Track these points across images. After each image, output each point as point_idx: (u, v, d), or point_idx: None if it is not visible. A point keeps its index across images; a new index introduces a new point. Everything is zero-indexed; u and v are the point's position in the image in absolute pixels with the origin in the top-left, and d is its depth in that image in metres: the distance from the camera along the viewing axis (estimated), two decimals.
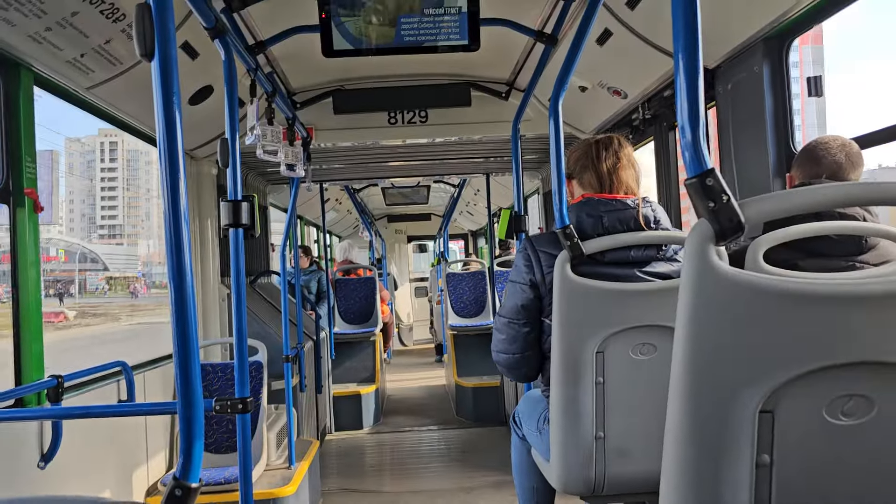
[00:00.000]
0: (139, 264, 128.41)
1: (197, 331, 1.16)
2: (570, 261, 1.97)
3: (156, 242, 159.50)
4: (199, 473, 1.09)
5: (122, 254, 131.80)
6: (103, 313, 51.93)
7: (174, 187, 1.12)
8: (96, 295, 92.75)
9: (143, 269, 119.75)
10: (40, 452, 2.72)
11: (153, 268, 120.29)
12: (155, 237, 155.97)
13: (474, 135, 4.72)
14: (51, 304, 63.08)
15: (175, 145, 1.15)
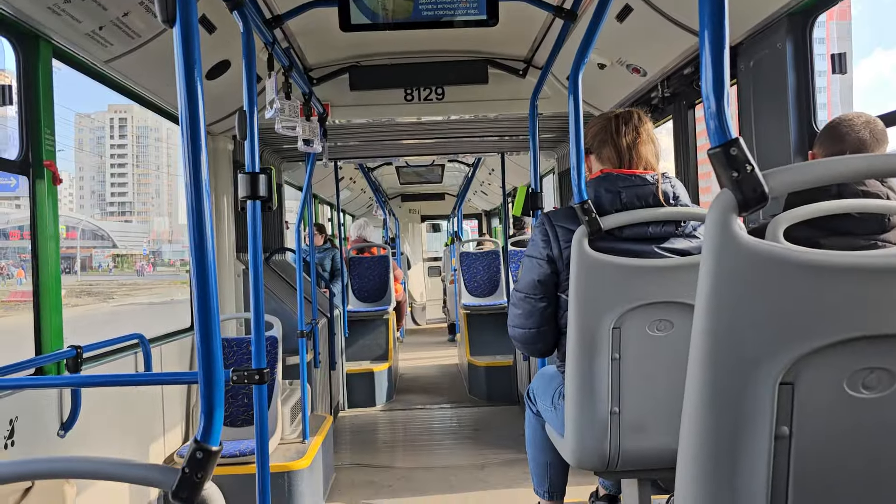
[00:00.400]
0: (148, 242, 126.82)
1: (217, 302, 1.16)
2: (588, 236, 1.96)
3: (165, 220, 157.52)
4: (219, 438, 1.10)
5: (132, 231, 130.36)
6: (97, 292, 49.10)
7: (195, 158, 1.13)
8: (100, 272, 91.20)
9: (147, 247, 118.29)
10: (60, 421, 2.76)
11: (162, 245, 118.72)
12: (165, 214, 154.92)
13: (491, 112, 4.69)
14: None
15: (196, 114, 1.15)
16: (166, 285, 57.80)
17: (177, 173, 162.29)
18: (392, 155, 6.96)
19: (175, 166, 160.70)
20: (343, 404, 6.53)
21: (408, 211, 14.40)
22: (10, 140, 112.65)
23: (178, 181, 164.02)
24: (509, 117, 4.91)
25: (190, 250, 1.14)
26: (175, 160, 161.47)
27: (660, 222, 2.03)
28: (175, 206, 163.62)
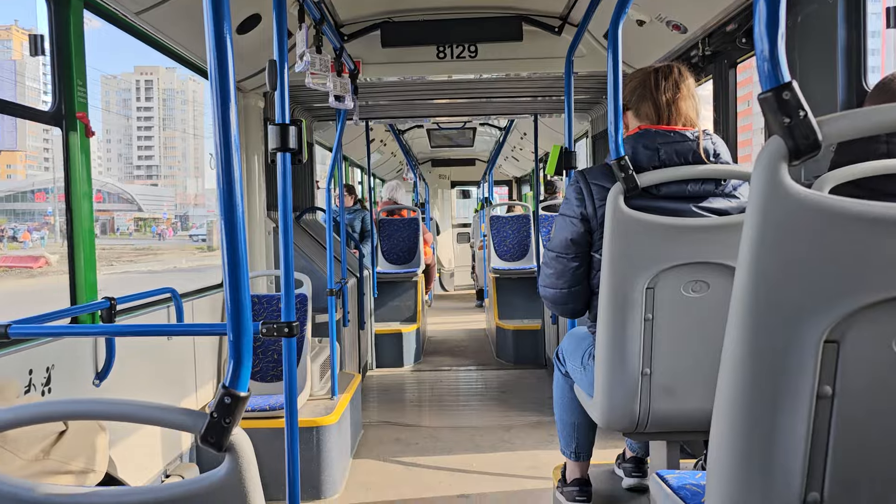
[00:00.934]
0: (171, 205, 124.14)
1: (247, 255, 1.15)
2: (624, 193, 1.91)
3: (192, 183, 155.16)
4: (247, 384, 1.09)
5: (158, 195, 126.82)
6: (103, 257, 45.29)
7: (225, 112, 1.10)
8: (117, 236, 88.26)
9: (170, 211, 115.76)
10: (95, 370, 2.82)
11: (189, 210, 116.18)
12: (191, 178, 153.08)
13: (524, 71, 4.60)
14: (49, 247, 57.39)
15: (226, 67, 1.13)
16: (179, 250, 55.98)
17: (203, 135, 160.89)
18: (423, 115, 6.89)
19: (202, 129, 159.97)
20: (371, 364, 6.59)
21: (438, 176, 14.34)
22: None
23: (204, 144, 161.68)
24: (543, 76, 4.81)
25: (219, 204, 1.12)
26: (202, 123, 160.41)
27: (699, 180, 1.97)
28: (202, 169, 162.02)
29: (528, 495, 3.63)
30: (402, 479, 3.92)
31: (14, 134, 70.36)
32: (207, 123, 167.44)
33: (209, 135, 71.26)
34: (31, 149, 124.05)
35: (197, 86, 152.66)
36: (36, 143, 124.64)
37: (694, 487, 1.51)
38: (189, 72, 3.97)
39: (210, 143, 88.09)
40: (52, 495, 1.05)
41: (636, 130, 2.07)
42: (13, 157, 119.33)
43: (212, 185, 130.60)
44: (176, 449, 3.60)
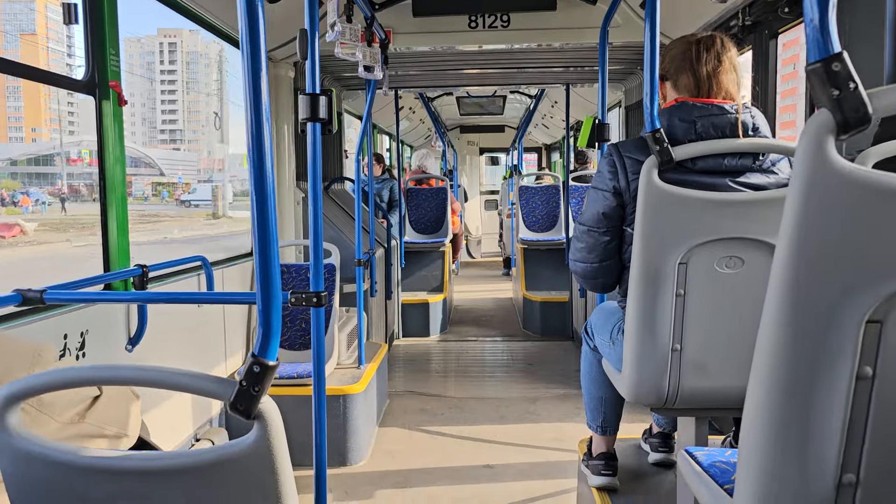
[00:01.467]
0: (195, 170, 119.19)
1: (276, 221, 1.15)
2: (658, 167, 1.87)
3: (218, 148, 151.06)
4: (276, 354, 1.10)
5: (181, 160, 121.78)
6: (87, 224, 39.89)
7: (256, 81, 1.09)
8: (132, 201, 78.97)
9: (182, 176, 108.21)
10: (128, 336, 2.87)
11: (212, 175, 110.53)
12: (215, 142, 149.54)
13: (557, 41, 4.52)
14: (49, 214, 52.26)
15: (257, 36, 1.11)
16: (189, 218, 51.20)
17: (228, 100, 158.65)
18: (454, 85, 6.83)
19: (225, 92, 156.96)
20: (398, 333, 6.63)
21: (466, 143, 14.25)
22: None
23: (229, 108, 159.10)
24: (576, 47, 4.72)
25: (249, 173, 1.12)
26: (226, 87, 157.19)
27: (736, 155, 1.92)
28: (226, 134, 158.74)
29: (553, 467, 3.64)
30: (427, 448, 3.96)
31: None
32: (232, 87, 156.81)
33: (232, 99, 67.60)
34: (55, 112, 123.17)
35: (219, 48, 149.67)
36: (62, 107, 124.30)
37: (724, 465, 1.49)
38: (211, 35, 3.96)
39: (233, 108, 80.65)
40: (85, 458, 1.07)
41: (673, 102, 2.02)
42: (38, 120, 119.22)
43: (236, 150, 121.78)
44: (206, 414, 3.67)
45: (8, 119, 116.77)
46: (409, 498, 3.33)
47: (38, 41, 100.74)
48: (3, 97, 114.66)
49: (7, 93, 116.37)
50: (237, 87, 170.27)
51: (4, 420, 1.08)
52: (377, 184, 7.19)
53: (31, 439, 1.09)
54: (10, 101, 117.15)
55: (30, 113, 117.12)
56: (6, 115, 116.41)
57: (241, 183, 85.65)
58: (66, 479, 1.08)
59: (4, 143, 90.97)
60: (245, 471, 1.06)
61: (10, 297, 2.05)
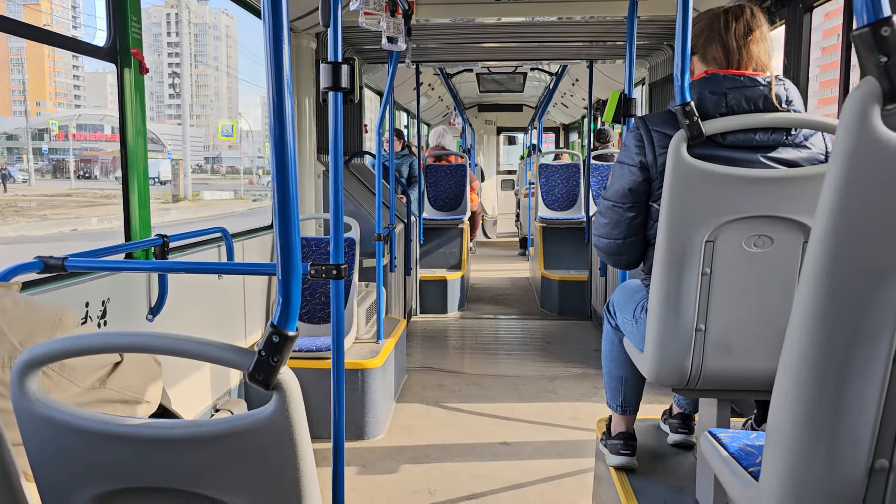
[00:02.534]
0: (200, 147, 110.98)
1: (297, 193, 1.13)
2: (688, 141, 1.82)
3: (226, 125, 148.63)
4: (295, 325, 1.08)
5: (183, 134, 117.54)
6: (59, 205, 32.93)
7: (277, 53, 1.07)
8: (112, 180, 65.84)
9: (172, 152, 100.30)
10: (148, 306, 2.88)
11: (223, 151, 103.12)
12: (224, 117, 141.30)
13: (583, 14, 4.43)
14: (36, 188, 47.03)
15: (279, 2, 1.08)
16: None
17: (237, 75, 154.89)
18: (475, 59, 6.75)
19: (235, 67, 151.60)
20: (416, 310, 6.63)
21: (484, 122, 14.14)
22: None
23: (237, 84, 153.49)
24: (599, 21, 4.63)
25: (270, 145, 1.10)
26: (235, 60, 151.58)
27: (768, 129, 1.86)
28: (234, 109, 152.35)
29: (571, 445, 3.63)
30: (445, 424, 3.96)
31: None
32: (242, 61, 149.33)
33: (244, 75, 62.11)
34: (62, 85, 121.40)
35: (230, 20, 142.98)
36: (66, 80, 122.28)
37: (748, 448, 1.46)
38: (221, 3, 3.90)
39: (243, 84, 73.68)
40: (105, 424, 1.06)
41: (703, 75, 1.96)
42: (42, 94, 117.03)
43: (246, 126, 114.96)
44: (225, 385, 3.69)
45: (12, 93, 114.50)
46: (427, 473, 3.34)
47: (40, 10, 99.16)
48: (6, 68, 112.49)
49: (10, 65, 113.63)
50: (247, 62, 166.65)
51: (24, 385, 1.08)
52: (397, 159, 7.16)
53: (50, 404, 1.08)
54: (14, 73, 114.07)
55: (34, 86, 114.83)
56: (10, 88, 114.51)
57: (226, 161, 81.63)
58: (85, 445, 1.08)
59: (7, 117, 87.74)
60: (264, 441, 1.05)
61: (31, 264, 2.06)
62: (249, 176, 75.90)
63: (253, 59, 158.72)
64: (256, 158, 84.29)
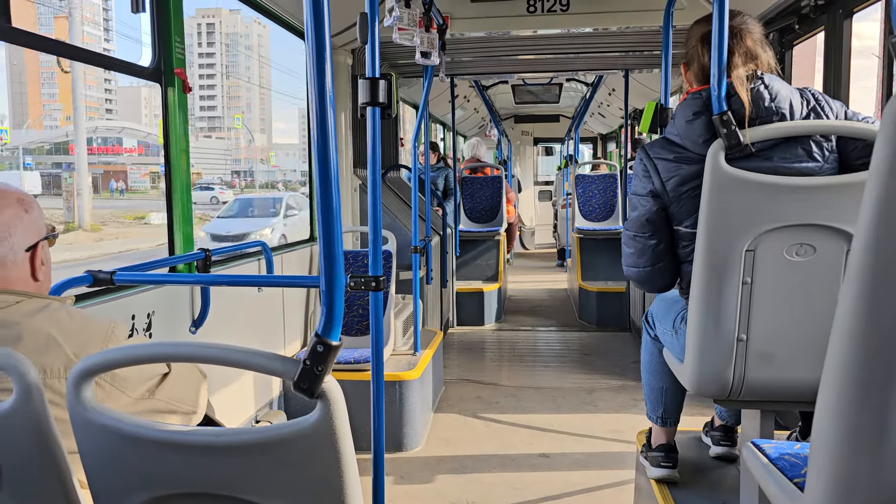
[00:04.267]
0: (228, 160, 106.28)
1: (340, 205, 1.16)
2: (726, 150, 1.81)
3: (258, 136, 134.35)
4: (338, 334, 1.11)
5: (210, 147, 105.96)
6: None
7: (320, 70, 1.10)
8: (115, 197, 57.60)
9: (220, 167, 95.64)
10: (191, 318, 2.94)
11: (254, 165, 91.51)
12: (257, 130, 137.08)
13: (617, 25, 4.43)
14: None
15: (322, 21, 1.12)
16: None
17: (270, 86, 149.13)
18: (510, 71, 6.77)
19: (267, 78, 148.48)
20: (452, 322, 6.64)
21: (520, 133, 14.12)
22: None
23: (271, 95, 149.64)
24: (636, 31, 4.62)
25: (314, 161, 1.13)
26: (268, 72, 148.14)
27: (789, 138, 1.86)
28: (268, 122, 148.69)
29: (611, 458, 3.60)
30: (483, 436, 3.96)
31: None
32: (275, 73, 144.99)
33: (276, 86, 57.83)
34: (92, 99, 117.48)
35: (262, 29, 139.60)
36: (97, 94, 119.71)
37: (793, 458, 1.44)
38: (252, 13, 3.93)
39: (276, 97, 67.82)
40: (157, 431, 1.10)
41: (692, 91, 2.00)
42: (72, 108, 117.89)
43: (280, 139, 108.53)
44: (265, 397, 3.75)
45: (43, 107, 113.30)
46: (465, 485, 3.34)
47: (66, 24, 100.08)
48: (38, 84, 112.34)
49: (42, 79, 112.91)
50: (280, 74, 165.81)
51: (80, 394, 1.12)
52: (432, 172, 7.20)
53: (105, 413, 1.12)
54: (45, 87, 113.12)
55: (64, 100, 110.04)
56: (41, 102, 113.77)
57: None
58: (137, 452, 1.12)
59: (39, 131, 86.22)
60: (308, 449, 1.07)
61: (82, 278, 2.12)
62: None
63: (284, 70, 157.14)
64: (290, 172, 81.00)
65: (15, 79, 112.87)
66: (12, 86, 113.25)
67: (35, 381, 1.12)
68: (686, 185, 1.95)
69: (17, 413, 1.13)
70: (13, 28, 2.04)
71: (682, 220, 2.01)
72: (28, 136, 61.58)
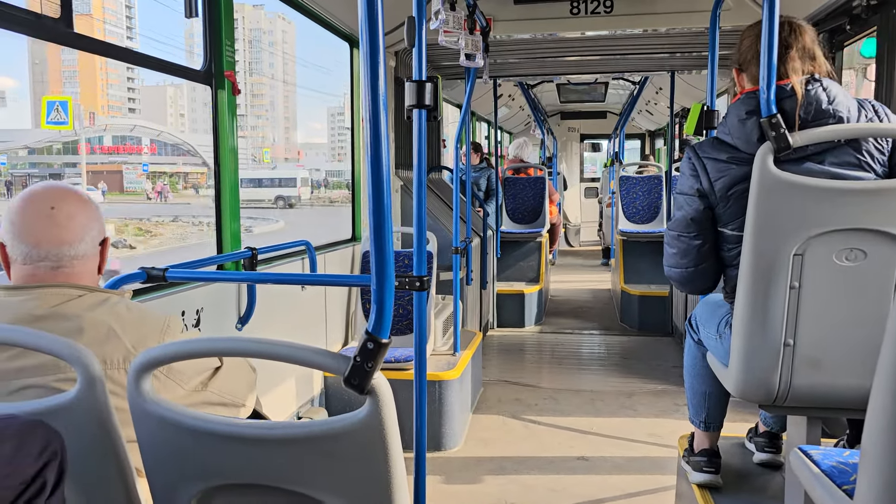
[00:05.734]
0: (247, 160, 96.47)
1: (390, 207, 1.18)
2: (775, 154, 1.79)
3: (281, 135, 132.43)
4: (388, 332, 1.13)
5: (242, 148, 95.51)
6: None
7: (374, 75, 1.12)
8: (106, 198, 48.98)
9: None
10: (238, 315, 3.01)
11: (278, 165, 79.65)
12: (280, 128, 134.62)
13: (662, 26, 4.39)
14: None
15: (376, 28, 1.14)
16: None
17: (295, 82, 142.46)
18: (553, 73, 6.75)
19: (292, 75, 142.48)
20: (493, 323, 6.64)
21: (567, 129, 14.01)
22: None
23: (295, 92, 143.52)
24: (681, 32, 4.57)
25: (366, 163, 1.16)
26: (293, 68, 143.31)
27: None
28: (293, 120, 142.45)
29: (651, 462, 3.57)
30: (521, 438, 3.96)
31: None
32: (300, 70, 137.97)
33: (301, 82, 51.42)
34: (115, 98, 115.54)
35: (287, 25, 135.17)
36: (120, 93, 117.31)
37: (842, 465, 1.42)
38: (277, 8, 3.79)
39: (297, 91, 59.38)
40: (212, 423, 1.14)
41: (746, 91, 1.97)
42: (94, 106, 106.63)
43: (306, 139, 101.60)
44: (307, 394, 3.81)
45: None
46: (504, 485, 3.35)
47: (92, 22, 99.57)
48: (60, 83, 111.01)
49: (63, 78, 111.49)
50: (304, 71, 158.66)
51: (140, 385, 1.16)
52: (475, 172, 7.21)
53: (162, 404, 1.17)
54: (67, 86, 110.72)
55: (86, 100, 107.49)
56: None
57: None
58: (193, 443, 1.16)
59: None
60: (357, 443, 1.10)
61: (136, 275, 2.20)
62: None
63: (310, 66, 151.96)
64: (314, 171, 72.79)
65: (37, 78, 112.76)
66: (35, 86, 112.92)
67: (98, 372, 1.18)
68: (735, 187, 1.93)
69: (82, 402, 1.18)
70: (76, 34, 2.12)
71: (728, 223, 1.99)
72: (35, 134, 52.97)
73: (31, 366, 1.32)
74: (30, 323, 1.32)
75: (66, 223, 1.43)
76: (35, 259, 1.41)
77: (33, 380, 1.32)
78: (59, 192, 1.45)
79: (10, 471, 1.03)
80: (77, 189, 1.51)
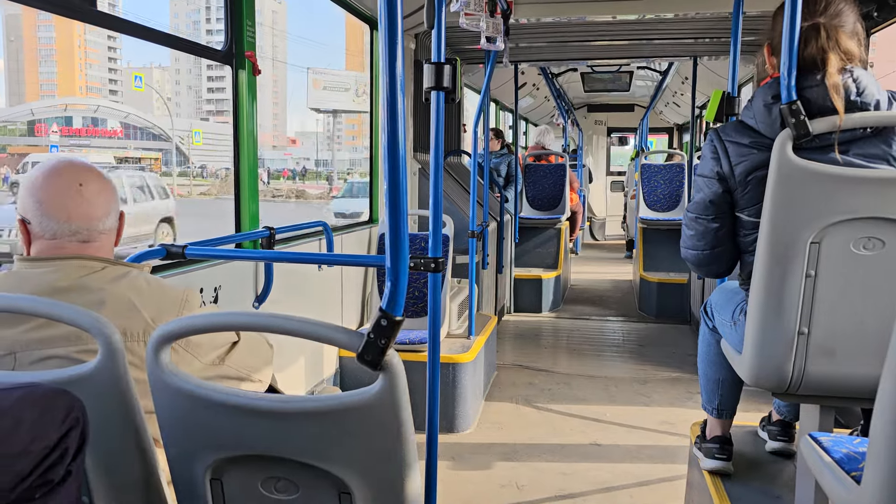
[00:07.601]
0: (225, 146, 79.43)
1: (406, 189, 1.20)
2: (794, 140, 1.78)
3: (270, 123, 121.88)
4: (402, 309, 1.15)
5: (213, 132, 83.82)
6: None
7: (392, 57, 1.13)
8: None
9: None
10: (255, 294, 3.05)
11: (263, 152, 75.28)
12: (269, 115, 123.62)
13: (685, 10, 4.34)
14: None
15: (395, 11, 1.15)
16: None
17: (285, 60, 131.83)
18: (575, 58, 6.70)
19: (283, 56, 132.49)
20: (509, 308, 6.65)
21: (593, 122, 13.90)
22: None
23: (287, 74, 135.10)
24: (705, 17, 4.52)
25: (384, 146, 1.17)
26: (284, 48, 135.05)
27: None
28: (283, 106, 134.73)
29: (663, 450, 3.58)
30: (534, 422, 3.98)
31: None
32: (291, 49, 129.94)
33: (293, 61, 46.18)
34: (94, 79, 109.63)
35: (277, 6, 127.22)
36: (100, 74, 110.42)
37: (852, 453, 1.42)
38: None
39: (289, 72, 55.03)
40: (228, 396, 1.17)
41: (776, 75, 1.93)
42: (72, 88, 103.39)
43: (300, 126, 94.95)
44: (320, 374, 3.85)
45: (41, 87, 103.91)
46: (515, 469, 3.38)
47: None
48: (35, 63, 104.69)
49: (40, 57, 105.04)
50: (295, 48, 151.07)
51: (159, 358, 1.19)
52: (496, 158, 7.20)
53: (180, 376, 1.20)
54: (43, 66, 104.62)
55: (63, 80, 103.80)
56: (38, 81, 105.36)
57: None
58: (210, 414, 1.19)
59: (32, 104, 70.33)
60: (370, 417, 1.12)
61: (156, 251, 2.23)
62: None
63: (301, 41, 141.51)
64: (302, 160, 69.93)
65: (12, 56, 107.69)
66: (9, 64, 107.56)
67: (118, 343, 1.20)
68: (755, 173, 1.91)
69: (102, 372, 1.21)
70: (99, 12, 2.14)
71: (745, 208, 1.98)
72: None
73: (54, 336, 1.35)
74: (51, 294, 1.35)
75: (94, 199, 1.47)
76: (66, 234, 1.44)
77: (55, 350, 1.35)
78: (83, 169, 1.48)
79: (34, 436, 1.06)
80: (89, 164, 1.54)
